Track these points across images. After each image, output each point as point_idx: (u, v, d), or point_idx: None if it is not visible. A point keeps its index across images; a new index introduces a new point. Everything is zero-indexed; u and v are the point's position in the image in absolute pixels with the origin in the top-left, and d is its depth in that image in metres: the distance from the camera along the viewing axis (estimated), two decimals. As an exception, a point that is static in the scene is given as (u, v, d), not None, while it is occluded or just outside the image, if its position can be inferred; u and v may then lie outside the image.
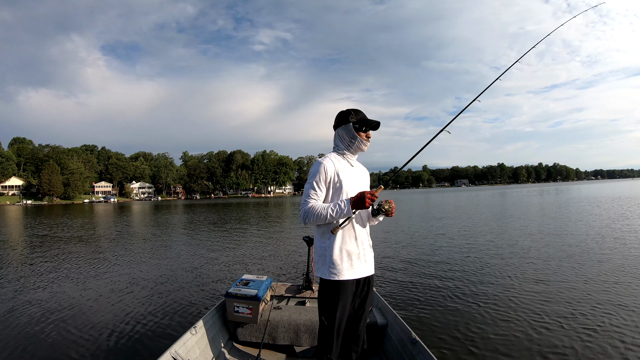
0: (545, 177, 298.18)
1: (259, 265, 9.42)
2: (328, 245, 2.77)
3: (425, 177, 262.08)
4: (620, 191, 49.85)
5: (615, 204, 26.55)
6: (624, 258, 9.12)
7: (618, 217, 17.82)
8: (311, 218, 2.68)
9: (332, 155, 2.92)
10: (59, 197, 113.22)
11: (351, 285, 2.78)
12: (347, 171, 2.86)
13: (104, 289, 7.46)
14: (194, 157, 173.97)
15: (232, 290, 4.12)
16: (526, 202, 35.89)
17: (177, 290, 7.15)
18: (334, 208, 2.63)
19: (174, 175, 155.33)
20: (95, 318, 5.60)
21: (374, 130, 2.95)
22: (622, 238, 11.97)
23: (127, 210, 52.29)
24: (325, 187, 2.78)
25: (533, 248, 11.22)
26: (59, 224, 26.55)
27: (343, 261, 2.75)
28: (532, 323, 5.41)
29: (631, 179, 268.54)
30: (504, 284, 7.56)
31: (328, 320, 2.77)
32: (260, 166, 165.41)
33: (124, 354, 4.47)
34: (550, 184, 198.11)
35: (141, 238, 15.54)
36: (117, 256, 11.76)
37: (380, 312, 4.42)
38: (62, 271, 9.67)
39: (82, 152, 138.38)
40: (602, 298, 6.44)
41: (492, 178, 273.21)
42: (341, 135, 2.92)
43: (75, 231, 20.86)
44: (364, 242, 2.87)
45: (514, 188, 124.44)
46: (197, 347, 3.48)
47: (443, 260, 9.95)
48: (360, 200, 2.56)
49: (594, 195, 40.77)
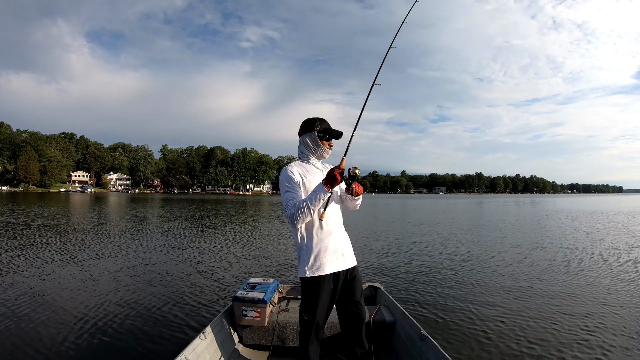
0: (522, 189, 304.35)
1: (264, 267, 9.30)
2: (302, 245, 2.93)
3: (404, 182, 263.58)
4: (595, 206, 51.21)
5: (591, 217, 27.84)
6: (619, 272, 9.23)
7: (606, 230, 18.57)
8: (297, 215, 2.74)
9: (296, 162, 3.08)
10: (35, 184, 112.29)
11: (329, 280, 2.92)
12: (313, 173, 3.01)
13: (107, 293, 6.94)
14: (174, 151, 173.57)
15: (240, 294, 4.12)
16: (515, 210, 36.97)
17: (181, 295, 6.85)
18: (311, 196, 2.72)
19: (153, 168, 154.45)
20: (104, 323, 5.37)
21: (336, 139, 3.09)
22: (609, 248, 12.76)
23: (105, 201, 50.67)
24: (298, 188, 2.89)
25: (543, 251, 11.73)
26: (52, 214, 24.95)
27: (318, 258, 2.89)
28: (543, 320, 5.53)
29: (606, 194, 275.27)
30: (511, 281, 7.85)
31: (308, 315, 2.93)
32: (240, 163, 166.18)
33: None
34: (526, 195, 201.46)
35: (135, 237, 14.85)
36: (117, 253, 10.91)
37: (388, 309, 4.44)
38: (62, 273, 8.55)
39: (61, 140, 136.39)
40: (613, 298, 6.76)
41: (469, 187, 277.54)
42: (306, 142, 3.04)
43: (74, 223, 19.90)
44: (338, 238, 3.01)
45: (492, 197, 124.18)
46: (206, 352, 3.50)
47: (450, 259, 10.32)
48: (330, 177, 2.67)
49: (570, 208, 42.04)
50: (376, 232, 16.99)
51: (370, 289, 5.10)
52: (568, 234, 16.46)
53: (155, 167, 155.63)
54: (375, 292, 5.05)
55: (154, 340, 4.88)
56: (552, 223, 22.41)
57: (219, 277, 8.26)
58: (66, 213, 26.40)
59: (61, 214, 25.71)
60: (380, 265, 9.31)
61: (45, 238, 13.58)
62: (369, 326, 3.99)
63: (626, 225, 21.54)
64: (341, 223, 3.14)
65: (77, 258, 9.96)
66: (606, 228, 19.50)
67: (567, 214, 30.98)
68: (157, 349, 4.64)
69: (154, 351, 4.58)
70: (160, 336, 5.02)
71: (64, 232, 15.56)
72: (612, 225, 21.31)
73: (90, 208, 34.16)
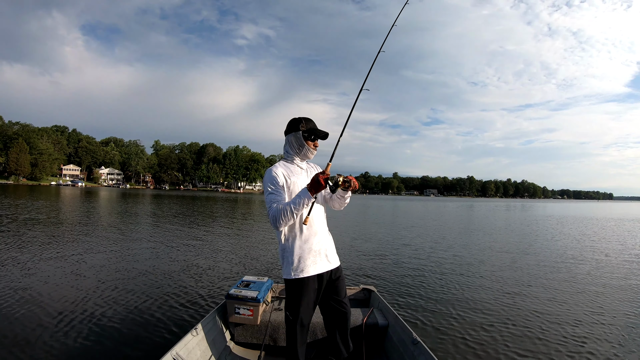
0: (513, 193, 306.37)
1: (259, 265, 9.30)
2: (286, 247, 2.94)
3: (395, 184, 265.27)
4: (586, 212, 51.10)
5: (581, 223, 27.96)
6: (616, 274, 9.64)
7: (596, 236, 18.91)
8: (280, 219, 2.73)
9: (280, 163, 3.06)
10: (25, 177, 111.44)
11: (313, 281, 2.94)
12: (298, 173, 3.01)
13: (98, 287, 6.94)
14: (166, 146, 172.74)
15: (233, 291, 4.11)
16: (506, 215, 36.95)
17: (175, 291, 6.82)
18: (294, 200, 2.71)
19: (145, 163, 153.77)
20: (95, 318, 5.34)
21: (322, 140, 3.09)
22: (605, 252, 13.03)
23: (96, 196, 50.06)
24: (282, 190, 2.88)
25: (533, 257, 11.81)
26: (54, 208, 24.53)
27: (302, 260, 2.90)
28: (533, 327, 5.55)
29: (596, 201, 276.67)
30: (502, 286, 7.86)
31: (292, 315, 2.97)
32: (232, 161, 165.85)
33: (124, 355, 4.39)
34: (517, 200, 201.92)
35: (127, 230, 15.06)
36: (108, 251, 10.61)
37: (381, 313, 4.41)
38: (54, 266, 8.54)
39: (53, 133, 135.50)
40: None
41: (460, 190, 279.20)
42: (290, 142, 3.04)
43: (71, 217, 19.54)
44: (322, 239, 3.02)
45: (483, 201, 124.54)
46: (198, 348, 3.49)
47: (442, 262, 10.32)
48: (315, 182, 2.63)
49: (560, 214, 42.01)
50: (366, 233, 17.01)
51: (364, 292, 5.08)
52: (558, 240, 16.63)
53: (147, 162, 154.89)
54: (369, 295, 5.01)
55: (144, 336, 4.84)
56: (543, 228, 22.62)
57: (211, 274, 8.21)
58: (56, 207, 26.09)
59: (50, 207, 25.46)
60: (371, 268, 9.32)
61: (32, 232, 13.44)
62: (362, 329, 4.00)
63: (616, 232, 21.78)
64: (325, 224, 3.15)
65: (66, 254, 9.83)
66: (596, 235, 19.70)
67: (558, 220, 31.26)
68: (148, 345, 4.61)
69: (145, 347, 4.55)
70: (151, 332, 4.98)
71: (52, 226, 15.45)
72: (601, 232, 21.54)
73: (80, 202, 33.90)
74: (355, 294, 5.05)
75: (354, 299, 4.99)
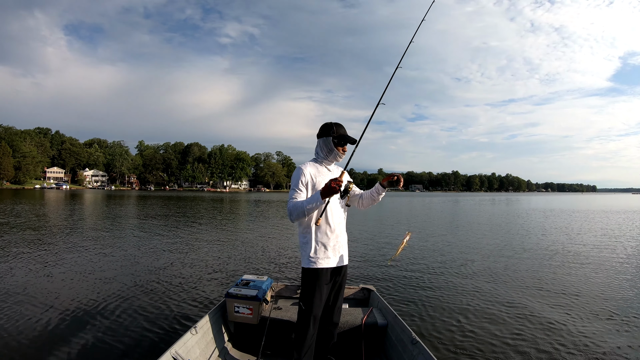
0: (498, 187, 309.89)
1: (259, 265, 9.35)
2: (308, 240, 3.13)
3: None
4: (570, 205, 52.17)
5: (567, 216, 28.90)
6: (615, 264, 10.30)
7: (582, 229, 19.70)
8: (294, 212, 2.96)
9: (310, 162, 3.26)
10: (9, 181, 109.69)
11: (326, 273, 3.12)
12: (323, 174, 3.19)
13: (98, 286, 7.07)
14: (150, 147, 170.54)
15: (233, 290, 4.12)
16: (491, 209, 37.27)
17: (175, 290, 6.91)
18: (308, 200, 2.94)
19: (129, 164, 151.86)
20: (94, 317, 5.44)
21: (351, 144, 3.26)
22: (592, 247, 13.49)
23: (81, 198, 50.14)
24: (305, 188, 3.09)
25: (536, 252, 12.15)
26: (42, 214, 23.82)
27: (319, 251, 3.10)
28: (535, 326, 5.55)
29: (580, 193, 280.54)
30: (503, 285, 7.87)
31: (306, 305, 3.10)
32: (217, 160, 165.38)
33: (124, 353, 4.40)
34: (502, 194, 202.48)
35: (123, 232, 15.05)
36: (108, 252, 10.84)
37: (381, 312, 4.41)
38: (53, 265, 8.87)
39: (35, 135, 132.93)
40: None
41: (445, 185, 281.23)
42: (321, 145, 3.23)
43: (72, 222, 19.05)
44: (339, 235, 3.20)
45: (468, 196, 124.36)
46: (197, 347, 3.50)
47: (442, 262, 10.30)
48: (328, 188, 2.79)
49: (546, 207, 42.71)
50: (364, 232, 16.79)
51: (363, 291, 5.08)
52: (549, 235, 16.98)
53: (131, 163, 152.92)
54: (369, 295, 5.03)
55: (144, 335, 4.91)
56: (532, 223, 23.23)
57: (211, 273, 8.34)
58: (43, 212, 25.55)
59: (37, 212, 25.26)
60: (371, 268, 9.38)
61: (35, 235, 13.54)
62: (361, 328, 4.04)
63: (600, 224, 22.64)
64: (343, 224, 3.33)
65: (66, 253, 10.18)
66: (583, 228, 20.38)
67: (545, 213, 32.04)
68: (147, 343, 4.67)
69: (144, 345, 4.62)
70: (150, 330, 5.05)
71: (52, 228, 15.67)
72: (587, 224, 22.34)
73: (65, 205, 33.70)
74: (355, 293, 5.07)
75: (353, 298, 5.02)
